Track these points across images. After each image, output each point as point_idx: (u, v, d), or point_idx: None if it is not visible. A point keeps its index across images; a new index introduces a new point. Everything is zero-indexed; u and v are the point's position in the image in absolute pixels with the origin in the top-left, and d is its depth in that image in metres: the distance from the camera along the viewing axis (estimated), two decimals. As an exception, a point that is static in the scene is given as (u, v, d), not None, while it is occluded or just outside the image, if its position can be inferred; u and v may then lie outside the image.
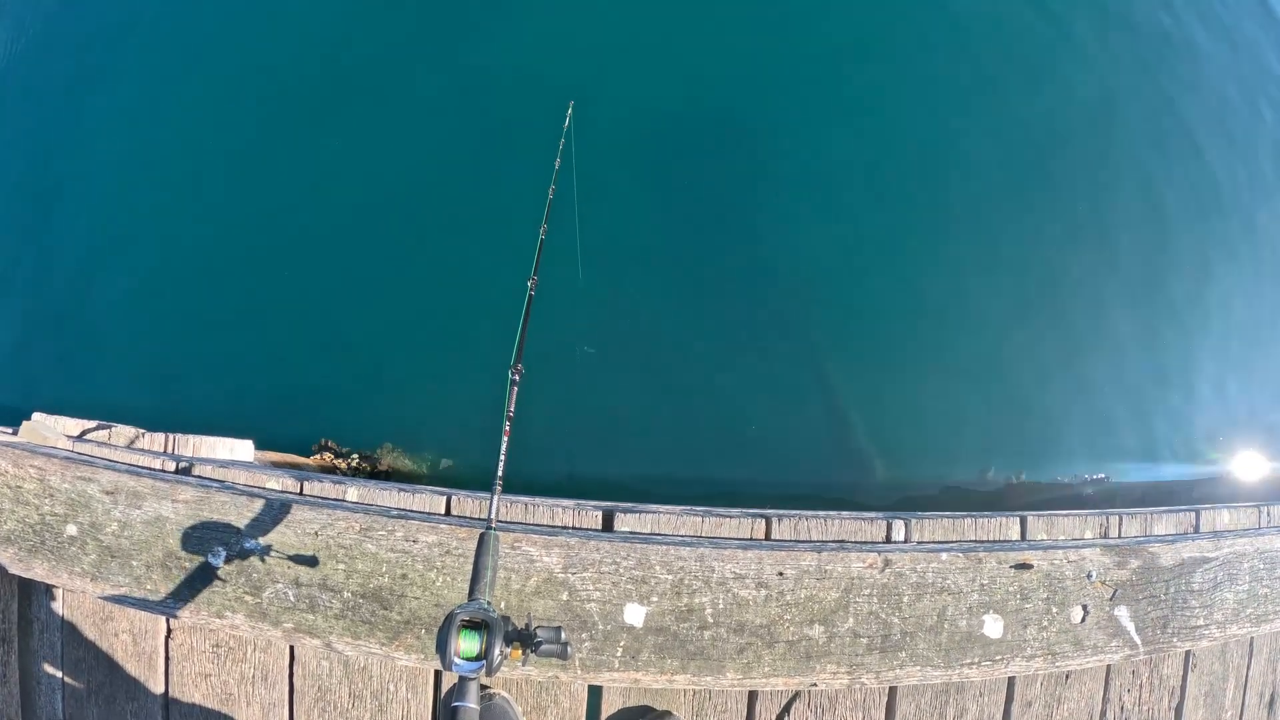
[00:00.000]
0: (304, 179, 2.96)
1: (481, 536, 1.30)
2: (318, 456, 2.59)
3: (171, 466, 1.76)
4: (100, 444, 1.86)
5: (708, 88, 3.07)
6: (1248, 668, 1.96)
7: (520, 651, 1.18)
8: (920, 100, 3.12)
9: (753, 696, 1.65)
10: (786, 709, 1.67)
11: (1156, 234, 3.16)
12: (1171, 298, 3.10)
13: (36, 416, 1.92)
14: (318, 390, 2.79)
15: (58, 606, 1.71)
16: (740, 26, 3.12)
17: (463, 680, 1.14)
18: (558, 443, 2.66)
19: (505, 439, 1.45)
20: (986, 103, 3.16)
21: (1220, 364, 3.07)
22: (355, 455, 2.63)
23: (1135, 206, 3.18)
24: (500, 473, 1.42)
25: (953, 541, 1.75)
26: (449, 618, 1.13)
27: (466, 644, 1.12)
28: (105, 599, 1.57)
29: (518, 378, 1.52)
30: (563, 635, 1.21)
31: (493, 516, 1.36)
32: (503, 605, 1.51)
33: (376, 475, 2.63)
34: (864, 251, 2.97)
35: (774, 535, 1.70)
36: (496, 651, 1.12)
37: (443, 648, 1.12)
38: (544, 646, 1.19)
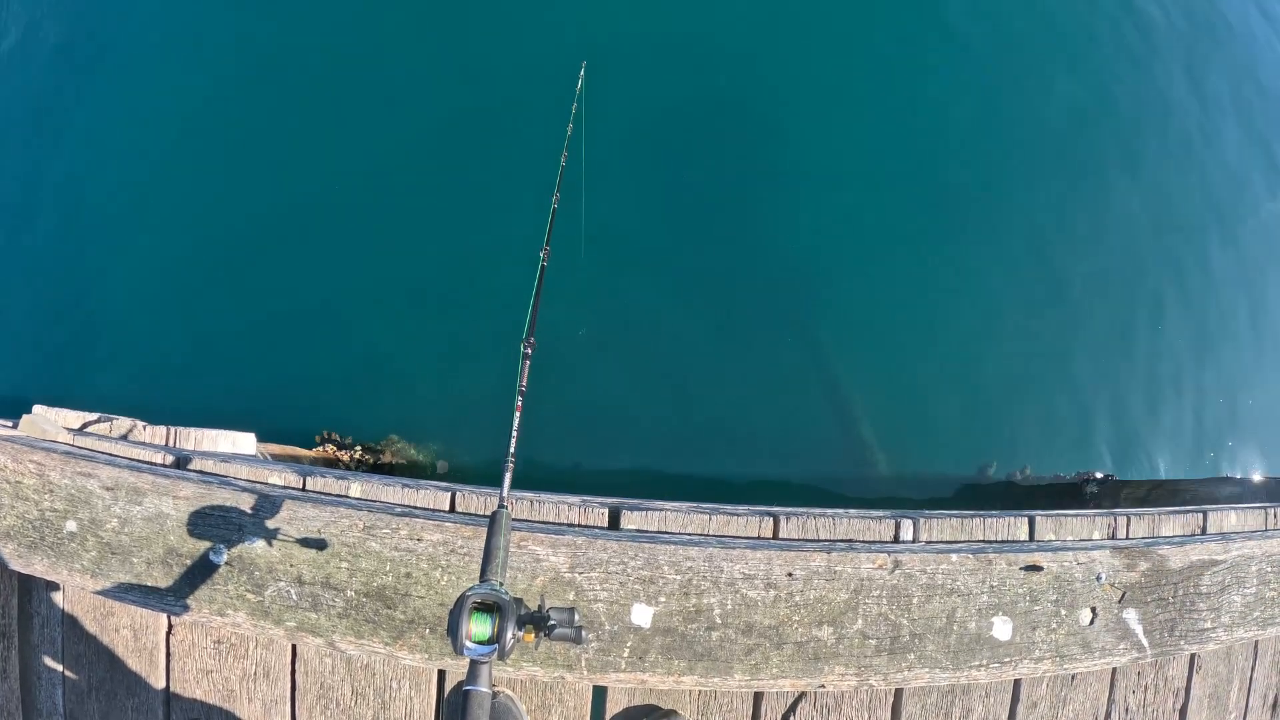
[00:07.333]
0: (301, 166, 2.93)
1: (493, 515, 1.25)
2: (320, 449, 2.57)
3: (172, 460, 1.74)
4: (101, 438, 1.83)
5: (714, 75, 3.03)
6: (1252, 670, 1.95)
7: (533, 635, 1.14)
8: (931, 94, 3.08)
9: (758, 697, 1.64)
10: (792, 709, 1.66)
11: (1162, 231, 3.14)
12: (1184, 294, 3.08)
13: (37, 409, 1.89)
14: (320, 381, 2.77)
15: (58, 601, 1.69)
16: (750, 12, 3.07)
17: (474, 664, 1.10)
18: (563, 436, 2.64)
19: (518, 415, 1.42)
20: (997, 97, 3.12)
21: (1230, 361, 3.06)
22: (359, 447, 2.61)
23: (1139, 204, 3.15)
24: (512, 449, 1.38)
25: (961, 541, 1.73)
26: (460, 600, 1.09)
27: (478, 627, 1.08)
28: (105, 596, 1.55)
29: (530, 351, 1.48)
30: (577, 618, 1.17)
31: (505, 494, 1.31)
32: (511, 599, 1.48)
33: (379, 468, 2.62)
34: (873, 245, 2.94)
35: (782, 534, 1.68)
36: (509, 635, 1.08)
37: (454, 631, 1.08)
38: (558, 630, 1.16)
